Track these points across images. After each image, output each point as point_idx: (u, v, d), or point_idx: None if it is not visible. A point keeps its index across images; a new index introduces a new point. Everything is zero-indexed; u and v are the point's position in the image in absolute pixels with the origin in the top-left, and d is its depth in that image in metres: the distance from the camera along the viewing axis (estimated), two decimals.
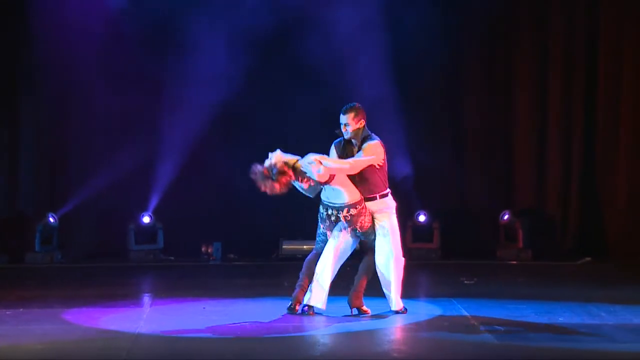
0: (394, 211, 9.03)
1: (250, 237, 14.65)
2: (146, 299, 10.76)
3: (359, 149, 8.85)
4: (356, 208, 8.79)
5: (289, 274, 12.44)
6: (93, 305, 9.58)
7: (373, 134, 8.93)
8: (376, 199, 8.88)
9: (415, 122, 14.58)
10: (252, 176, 8.72)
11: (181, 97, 14.30)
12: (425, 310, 9.43)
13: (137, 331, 8.19)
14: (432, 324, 8.64)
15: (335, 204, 8.81)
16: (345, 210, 8.79)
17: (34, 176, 14.60)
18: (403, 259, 9.01)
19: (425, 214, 14.52)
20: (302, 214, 14.32)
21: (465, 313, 9.03)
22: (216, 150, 14.57)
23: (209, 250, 14.21)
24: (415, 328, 8.47)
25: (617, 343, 7.73)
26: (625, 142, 14.70)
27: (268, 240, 14.50)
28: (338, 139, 9.03)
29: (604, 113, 14.75)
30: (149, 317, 9.11)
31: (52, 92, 14.52)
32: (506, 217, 14.53)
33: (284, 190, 8.67)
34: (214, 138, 14.52)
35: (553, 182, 14.89)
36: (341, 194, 8.78)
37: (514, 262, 14.04)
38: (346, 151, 8.94)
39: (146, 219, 14.31)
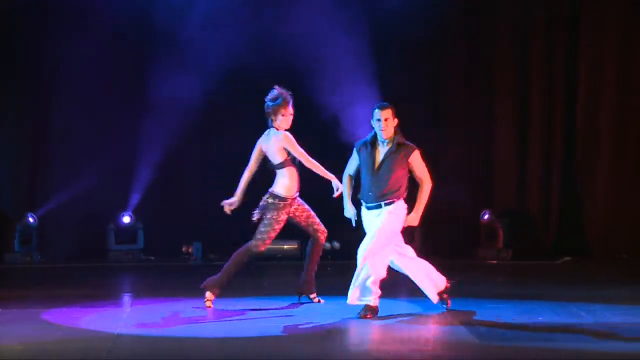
0: None
1: (230, 237, 14.61)
2: (126, 299, 10.75)
3: (395, 151, 8.70)
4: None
5: (269, 274, 12.52)
6: (73, 306, 9.54)
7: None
8: None
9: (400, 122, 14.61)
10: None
11: (161, 98, 14.25)
12: (406, 309, 9.43)
13: (117, 331, 8.16)
14: (413, 323, 8.64)
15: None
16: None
17: (13, 176, 14.55)
18: None
19: None
20: None
21: (446, 312, 9.04)
22: (196, 151, 14.56)
23: (190, 250, 14.20)
24: (396, 327, 8.46)
25: (596, 342, 7.74)
26: (605, 143, 14.83)
27: (247, 240, 14.46)
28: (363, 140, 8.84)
29: (584, 114, 14.85)
30: (129, 317, 9.10)
31: (33, 92, 14.49)
32: (486, 216, 14.57)
33: None
34: (194, 138, 14.52)
35: (533, 182, 14.96)
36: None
37: (494, 262, 14.13)
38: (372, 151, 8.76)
39: (126, 219, 14.28)
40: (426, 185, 8.82)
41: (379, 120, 8.66)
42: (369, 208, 8.78)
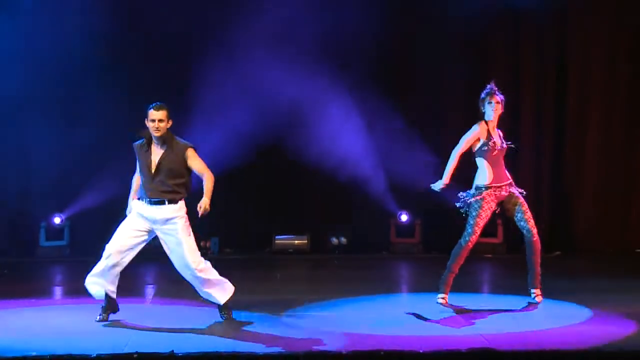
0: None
1: (245, 232, 14.96)
2: (145, 292, 11.06)
3: (169, 150, 8.46)
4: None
5: (281, 267, 13.01)
6: (92, 298, 9.39)
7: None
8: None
9: (399, 123, 15.11)
10: None
11: (180, 98, 14.21)
12: (407, 302, 9.93)
13: (136, 324, 8.43)
14: (413, 315, 8.89)
15: None
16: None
17: (42, 176, 14.66)
18: None
19: (407, 214, 14.82)
20: (293, 210, 14.89)
21: (445, 304, 9.23)
22: (213, 148, 14.85)
23: (207, 245, 14.43)
24: (397, 321, 8.69)
25: (590, 332, 8.01)
26: (592, 142, 15.09)
27: (261, 235, 14.87)
28: (140, 140, 8.55)
29: (574, 111, 15.11)
30: (148, 310, 9.43)
31: (60, 95, 14.65)
32: None
33: None
34: (211, 135, 14.67)
35: (525, 180, 15.21)
36: None
37: (490, 256, 14.32)
38: (147, 151, 8.50)
39: None
40: (208, 177, 8.54)
41: (153, 120, 8.38)
42: (152, 203, 8.50)
